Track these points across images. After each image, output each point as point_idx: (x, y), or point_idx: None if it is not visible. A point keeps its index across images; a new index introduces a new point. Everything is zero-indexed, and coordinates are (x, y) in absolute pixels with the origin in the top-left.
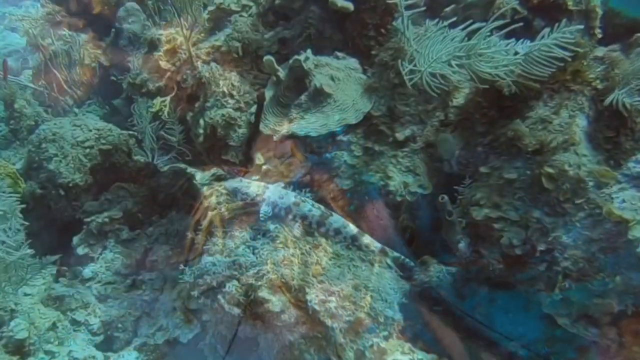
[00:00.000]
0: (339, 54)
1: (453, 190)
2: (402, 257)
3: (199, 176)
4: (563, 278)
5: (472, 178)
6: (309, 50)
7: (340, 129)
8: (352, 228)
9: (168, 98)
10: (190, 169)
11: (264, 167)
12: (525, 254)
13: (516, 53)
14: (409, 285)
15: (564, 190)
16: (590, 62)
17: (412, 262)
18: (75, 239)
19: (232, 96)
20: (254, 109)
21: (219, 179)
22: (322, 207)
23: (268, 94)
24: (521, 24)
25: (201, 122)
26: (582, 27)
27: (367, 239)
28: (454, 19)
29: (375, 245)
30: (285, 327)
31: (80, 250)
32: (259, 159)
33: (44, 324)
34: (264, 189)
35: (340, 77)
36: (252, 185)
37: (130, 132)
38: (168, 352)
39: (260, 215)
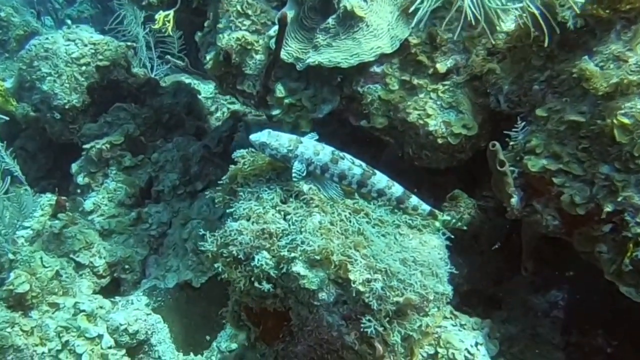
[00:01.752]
0: None
1: (502, 134)
2: (453, 219)
3: (203, 89)
4: (634, 246)
5: (525, 120)
6: None
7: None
8: (398, 188)
9: (172, 12)
10: (193, 82)
11: (286, 100)
12: (588, 213)
13: None
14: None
15: None
16: None
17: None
18: (74, 166)
19: (247, 16)
20: (272, 31)
21: None
22: (363, 164)
23: (289, 14)
24: None
25: (212, 46)
26: None
27: (414, 200)
28: None
29: (423, 207)
30: (323, 307)
31: (81, 180)
32: (279, 90)
33: (46, 274)
34: (297, 143)
35: None
36: (283, 139)
37: (128, 44)
38: (180, 297)
39: (293, 174)
